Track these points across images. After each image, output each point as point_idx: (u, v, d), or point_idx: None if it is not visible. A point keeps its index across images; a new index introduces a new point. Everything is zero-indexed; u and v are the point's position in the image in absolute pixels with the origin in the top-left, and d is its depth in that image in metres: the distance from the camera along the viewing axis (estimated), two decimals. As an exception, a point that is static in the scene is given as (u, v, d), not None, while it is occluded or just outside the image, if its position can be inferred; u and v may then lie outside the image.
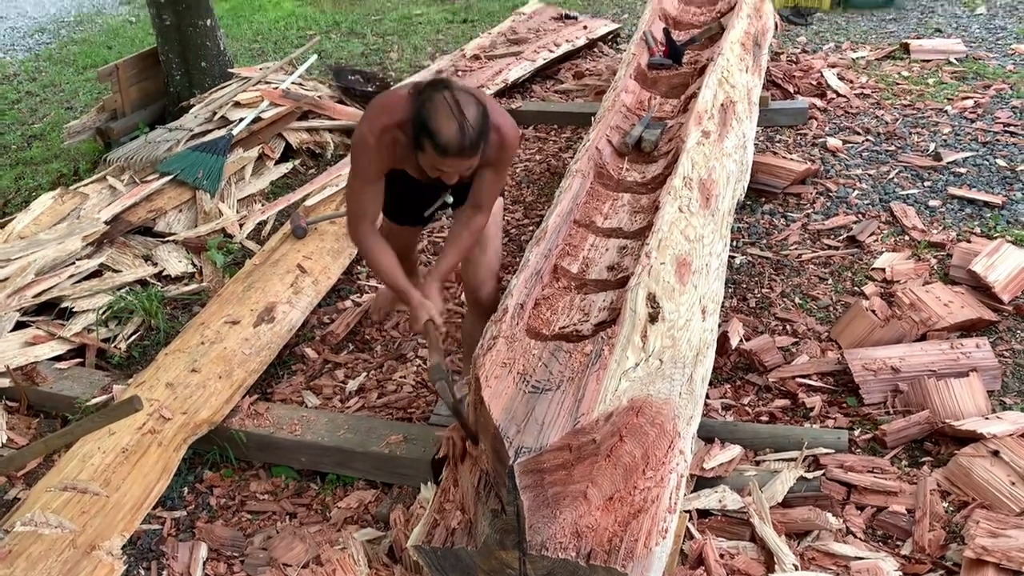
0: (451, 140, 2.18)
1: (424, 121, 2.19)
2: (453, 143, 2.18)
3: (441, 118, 2.18)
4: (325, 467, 2.91)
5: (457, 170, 2.30)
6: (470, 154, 2.23)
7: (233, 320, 3.35)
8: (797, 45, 5.91)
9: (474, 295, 2.83)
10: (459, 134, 2.18)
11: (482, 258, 2.76)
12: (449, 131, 2.17)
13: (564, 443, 1.98)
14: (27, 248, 3.93)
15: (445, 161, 2.24)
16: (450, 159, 2.22)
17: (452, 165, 2.26)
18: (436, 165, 2.28)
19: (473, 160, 2.28)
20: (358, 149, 2.46)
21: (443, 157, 2.22)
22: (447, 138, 2.18)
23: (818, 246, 3.75)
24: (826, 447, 2.63)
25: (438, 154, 2.21)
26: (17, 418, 3.24)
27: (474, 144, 2.21)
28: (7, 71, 7.58)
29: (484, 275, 2.78)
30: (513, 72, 5.54)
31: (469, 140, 2.19)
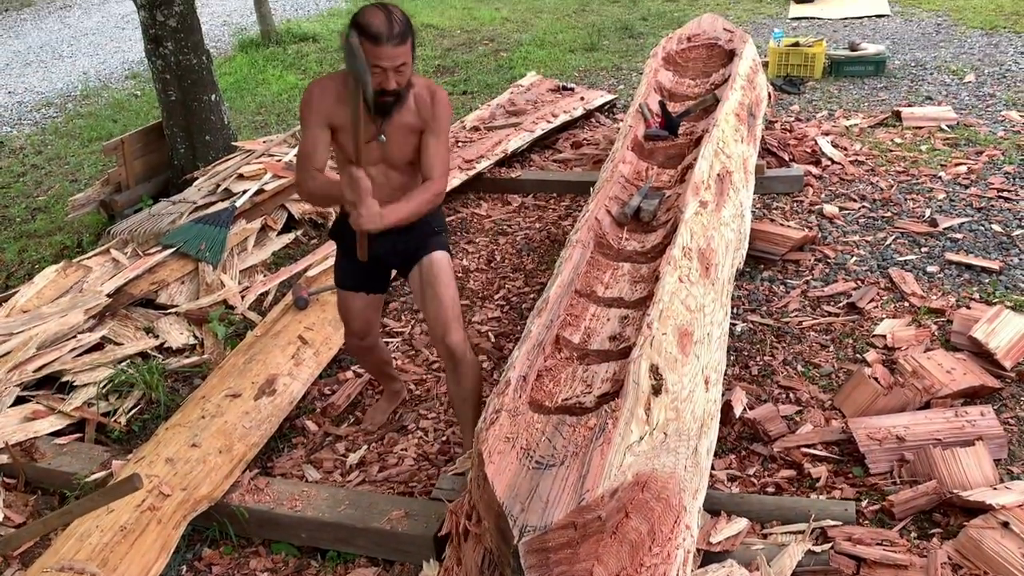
0: (380, 26, 2.42)
1: (355, 21, 2.46)
2: (382, 28, 2.42)
3: (369, 12, 2.46)
4: (326, 544, 2.86)
5: (391, 63, 2.47)
6: (398, 40, 2.45)
7: (234, 393, 3.34)
8: (791, 113, 6.02)
9: (443, 344, 2.86)
10: (386, 20, 2.43)
11: (440, 306, 2.83)
12: (377, 19, 2.43)
13: (569, 521, 1.95)
14: (29, 322, 3.93)
15: (378, 51, 2.43)
16: (382, 48, 2.43)
17: (384, 55, 2.45)
18: (372, 60, 2.44)
19: (402, 51, 2.47)
20: (303, 102, 2.69)
21: (375, 46, 2.42)
22: (376, 26, 2.42)
23: (818, 313, 3.76)
24: (833, 519, 2.60)
25: (371, 44, 2.42)
26: (14, 495, 3.20)
27: (401, 32, 2.45)
28: (13, 144, 7.70)
29: (446, 319, 2.83)
30: (512, 142, 5.63)
31: (396, 26, 2.44)
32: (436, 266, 2.85)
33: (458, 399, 2.96)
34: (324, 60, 8.98)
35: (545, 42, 8.73)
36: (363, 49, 2.40)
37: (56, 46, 11.21)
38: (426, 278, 2.85)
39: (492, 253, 4.73)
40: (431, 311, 2.85)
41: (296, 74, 8.66)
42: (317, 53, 9.25)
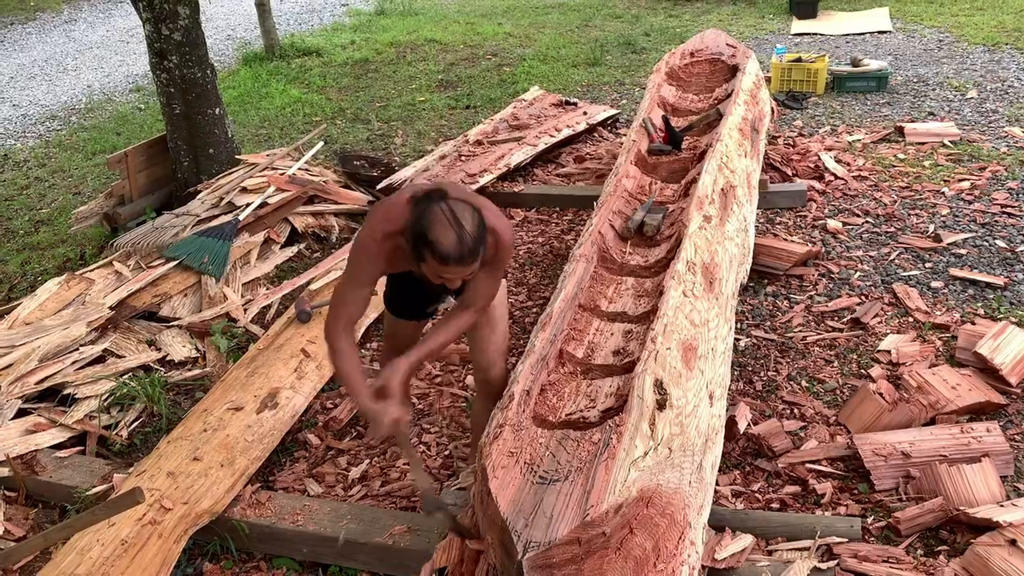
0: (450, 250, 2.23)
1: (423, 233, 2.24)
2: (452, 253, 2.23)
3: (439, 229, 2.22)
4: (327, 559, 2.84)
5: (459, 276, 2.35)
6: (470, 261, 2.28)
7: (236, 406, 3.33)
8: (794, 129, 6.03)
9: (484, 375, 2.84)
10: (458, 244, 2.22)
11: (491, 337, 2.77)
12: (448, 241, 2.22)
13: (573, 537, 1.94)
14: (31, 334, 3.93)
15: (447, 269, 2.28)
16: (451, 267, 2.27)
17: (453, 272, 2.31)
18: (438, 273, 2.32)
19: (474, 266, 2.32)
20: (358, 251, 2.49)
21: (444, 266, 2.27)
22: (446, 248, 2.22)
23: (822, 328, 3.75)
24: (839, 536, 2.58)
25: (439, 263, 2.26)
26: (15, 508, 3.19)
27: (473, 251, 2.26)
28: (17, 157, 7.72)
29: (493, 355, 2.79)
30: (515, 156, 5.63)
31: (468, 248, 2.24)
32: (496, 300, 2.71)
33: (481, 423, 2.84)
34: (328, 75, 9.01)
35: (548, 57, 8.76)
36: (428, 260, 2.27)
37: (61, 59, 11.25)
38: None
39: (495, 267, 4.72)
40: (479, 343, 2.77)
41: (300, 88, 8.69)
42: (320, 67, 9.28)
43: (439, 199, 2.28)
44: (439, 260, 2.25)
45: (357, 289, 2.52)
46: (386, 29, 10.68)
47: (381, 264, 2.49)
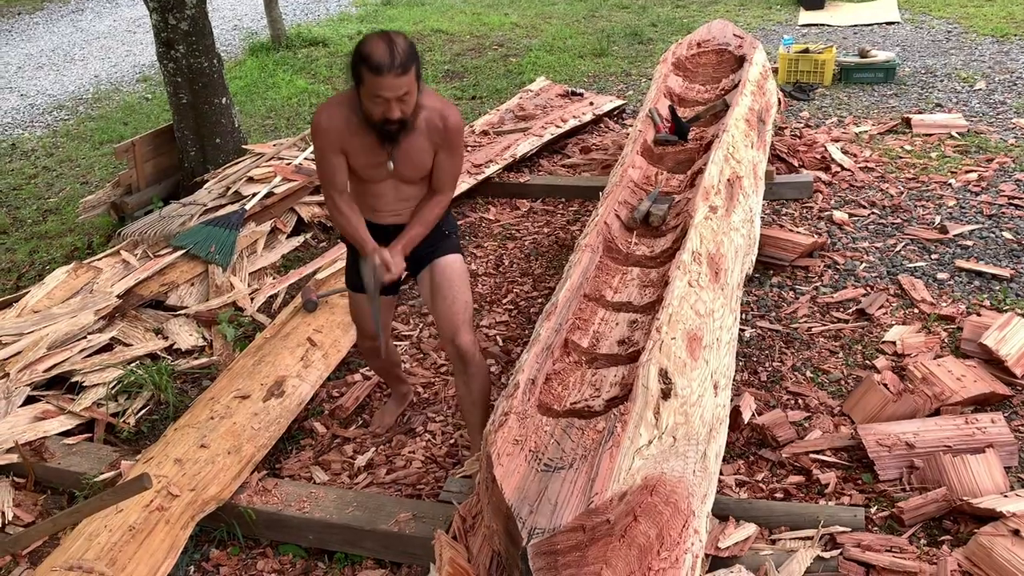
0: (382, 57, 2.38)
1: (358, 50, 2.44)
2: (384, 59, 2.38)
3: (371, 42, 2.43)
4: (333, 545, 2.86)
5: (393, 93, 2.44)
6: (401, 71, 2.41)
7: (243, 394, 3.35)
8: (800, 120, 6.01)
9: (452, 346, 2.88)
10: (388, 50, 2.39)
11: (452, 307, 2.85)
12: (379, 49, 2.39)
13: (578, 523, 1.95)
14: (40, 322, 3.95)
15: (381, 81, 2.40)
16: (384, 77, 2.39)
17: (387, 86, 2.42)
18: (375, 91, 2.43)
19: (406, 81, 2.43)
20: (314, 131, 2.68)
21: (377, 76, 2.39)
22: (378, 56, 2.38)
23: (828, 319, 3.75)
24: (842, 525, 2.59)
25: (373, 74, 2.39)
26: (24, 494, 3.22)
27: (404, 62, 2.40)
28: (25, 147, 7.74)
29: (456, 321, 2.85)
30: (521, 147, 5.63)
31: (398, 56, 2.39)
32: (449, 268, 2.87)
33: (467, 402, 2.96)
34: (334, 64, 9.00)
35: (554, 47, 8.74)
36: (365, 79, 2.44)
37: (68, 49, 11.27)
38: (437, 280, 2.86)
39: (500, 257, 4.73)
40: (441, 311, 2.86)
41: (306, 78, 8.69)
42: (327, 57, 9.28)
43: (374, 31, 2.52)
44: (372, 71, 2.39)
45: (329, 161, 2.69)
46: (392, 19, 10.66)
47: (336, 133, 2.64)
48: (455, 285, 2.86)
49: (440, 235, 2.89)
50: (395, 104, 2.48)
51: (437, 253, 2.88)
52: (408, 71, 2.44)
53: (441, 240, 2.90)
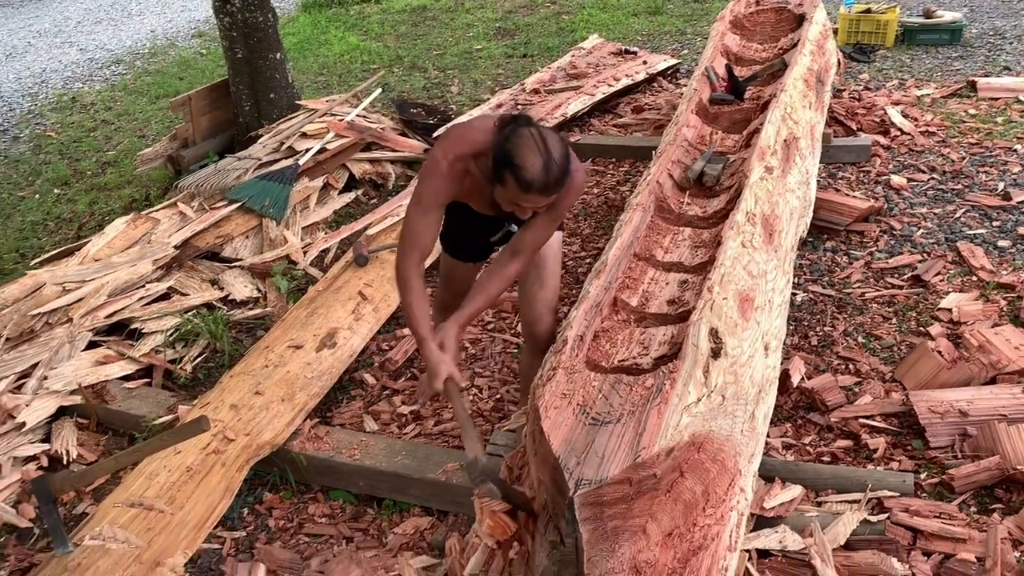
0: (536, 176, 2.16)
1: (509, 154, 2.17)
2: (538, 179, 2.16)
3: (527, 153, 2.16)
4: (382, 492, 2.93)
5: (535, 206, 2.29)
6: (552, 191, 2.22)
7: (296, 345, 3.42)
8: (860, 82, 5.85)
9: (530, 330, 2.83)
10: (544, 171, 2.16)
11: (540, 293, 2.74)
12: (535, 167, 2.15)
13: (625, 476, 1.97)
14: (101, 270, 4.07)
15: (527, 197, 2.22)
16: (532, 195, 2.21)
17: (532, 201, 2.24)
18: (515, 200, 2.25)
19: (552, 199, 2.26)
20: (427, 172, 2.43)
21: (525, 192, 2.20)
22: (533, 174, 2.16)
23: (882, 285, 3.69)
24: (891, 490, 2.57)
25: (520, 189, 2.19)
26: (87, 434, 3.34)
27: (557, 181, 2.20)
28: (85, 100, 7.91)
29: (541, 310, 2.76)
30: (572, 106, 5.59)
31: (553, 177, 2.18)
32: (546, 249, 2.66)
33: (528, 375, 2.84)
34: (386, 22, 9.00)
35: (608, 5, 8.61)
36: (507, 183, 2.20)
37: (125, 4, 11.42)
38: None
39: (550, 216, 4.72)
40: (529, 295, 2.73)
41: (358, 35, 8.70)
42: (379, 15, 9.27)
43: (528, 124, 2.22)
44: (521, 186, 2.17)
45: (426, 215, 2.44)
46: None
47: (450, 186, 2.42)
48: (547, 268, 2.70)
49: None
50: (532, 210, 2.32)
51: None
52: (559, 189, 2.24)
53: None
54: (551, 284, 2.74)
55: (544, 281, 2.72)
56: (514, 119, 2.24)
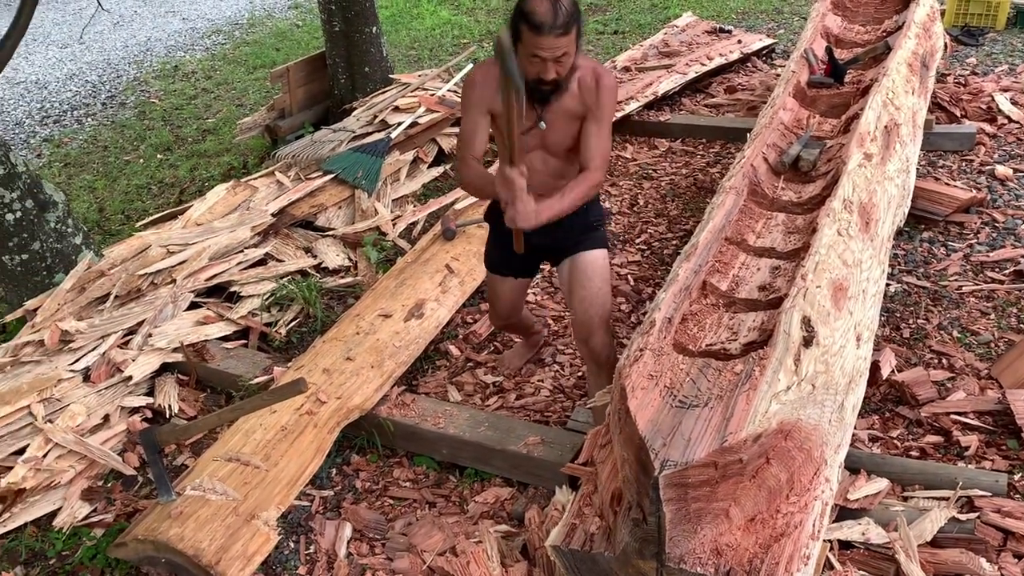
0: (545, 14, 2.30)
1: (519, 6, 2.36)
2: (546, 17, 2.30)
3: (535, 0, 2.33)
4: (464, 461, 3.01)
5: (551, 52, 2.37)
6: (562, 31, 2.33)
7: (386, 314, 3.52)
8: (966, 67, 5.63)
9: (585, 347, 2.84)
10: (551, 8, 2.30)
11: (590, 310, 2.74)
12: (542, 7, 2.31)
13: (710, 460, 1.98)
14: (203, 234, 4.24)
15: (540, 40, 2.33)
16: (544, 36, 2.33)
17: (546, 45, 2.35)
18: (532, 49, 2.37)
19: (565, 42, 2.36)
20: (465, 85, 2.63)
21: (537, 35, 2.32)
22: (541, 13, 2.30)
23: (981, 279, 3.57)
24: (982, 489, 2.52)
25: (533, 32, 2.32)
26: (187, 391, 3.52)
27: (566, 21, 2.32)
28: (186, 69, 8.19)
29: (592, 324, 2.75)
30: (664, 84, 5.53)
31: (561, 15, 2.31)
32: (590, 266, 2.74)
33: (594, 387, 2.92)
34: (477, -5, 9.02)
35: (702, -18, 8.44)
36: (524, 36, 2.35)
37: (226, -25, 11.71)
38: (577, 277, 2.76)
39: (635, 197, 4.71)
40: (578, 311, 2.78)
41: (449, 9, 8.75)
42: (471, -12, 9.30)
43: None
44: (532, 28, 2.32)
45: (472, 119, 2.62)
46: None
47: (488, 92, 2.56)
48: (594, 284, 2.75)
49: (587, 225, 2.77)
50: (551, 65, 2.41)
51: (581, 247, 2.76)
52: (569, 32, 2.36)
53: (588, 232, 2.77)
54: (600, 299, 2.76)
55: (592, 296, 2.75)
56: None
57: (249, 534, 2.60)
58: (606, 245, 2.83)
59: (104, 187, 5.82)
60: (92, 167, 6.20)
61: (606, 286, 2.79)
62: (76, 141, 6.75)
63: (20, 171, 3.69)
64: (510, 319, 3.16)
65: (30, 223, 3.72)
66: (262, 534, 2.61)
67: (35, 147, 6.73)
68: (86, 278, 3.87)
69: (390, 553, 2.71)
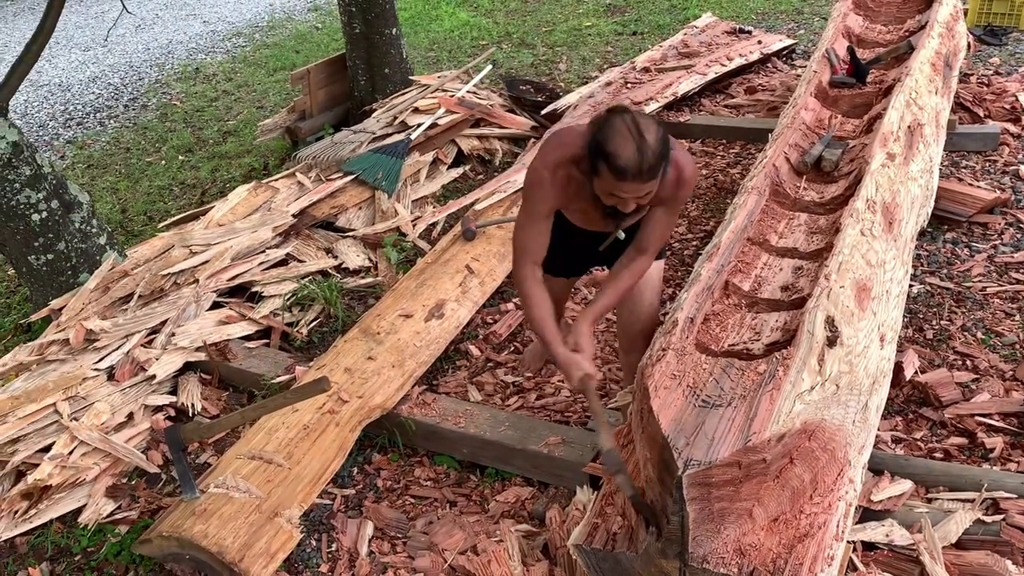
0: (629, 161, 2.11)
1: (601, 143, 2.15)
2: (631, 164, 2.11)
3: (619, 139, 2.12)
4: (485, 460, 3.02)
5: (634, 195, 2.21)
6: (648, 177, 2.15)
7: (406, 314, 3.54)
8: (990, 66, 5.57)
9: (626, 356, 2.84)
10: (637, 155, 2.10)
11: (636, 321, 2.73)
12: (627, 151, 2.11)
13: (734, 459, 1.98)
14: (224, 235, 4.28)
15: (622, 185, 2.16)
16: (627, 182, 2.15)
17: (629, 190, 2.18)
18: (612, 190, 2.21)
19: (651, 185, 2.19)
20: (531, 183, 2.42)
21: (620, 180, 2.15)
22: (625, 159, 2.11)
23: (1005, 280, 3.54)
24: (1008, 491, 2.49)
25: (615, 177, 2.14)
26: (209, 390, 3.54)
27: (652, 167, 2.13)
28: (207, 71, 8.25)
29: (637, 336, 2.74)
30: (683, 85, 5.52)
31: (647, 162, 2.12)
32: (645, 280, 2.64)
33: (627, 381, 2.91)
34: (496, -2, 9.03)
35: (722, -17, 8.42)
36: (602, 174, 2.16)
37: (246, -22, 11.80)
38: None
39: (656, 197, 4.70)
40: (627, 323, 2.74)
41: (468, 11, 8.77)
42: (490, -10, 9.31)
43: (621, 112, 2.18)
44: (615, 173, 2.13)
45: (536, 223, 2.45)
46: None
47: (556, 194, 2.40)
48: (646, 297, 2.67)
49: None
50: (633, 202, 2.24)
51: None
52: (655, 176, 2.16)
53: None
54: (649, 314, 2.73)
55: (641, 310, 2.72)
56: (609, 110, 2.21)
57: (272, 532, 2.62)
58: (662, 255, 2.74)
59: (127, 188, 5.87)
60: (115, 168, 6.26)
61: (657, 299, 2.74)
62: (99, 143, 6.83)
63: (46, 172, 3.74)
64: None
65: (55, 223, 3.77)
66: (285, 532, 2.63)
67: (59, 149, 6.81)
68: (110, 278, 3.91)
69: (411, 552, 2.72)
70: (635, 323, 2.74)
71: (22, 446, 3.14)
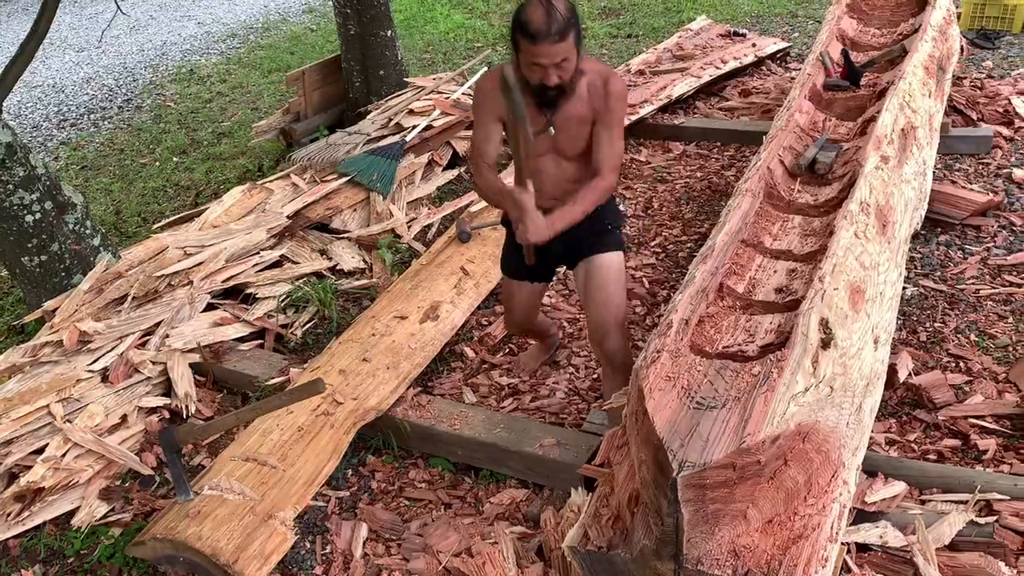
0: (539, 24, 2.31)
1: (516, 17, 2.37)
2: (541, 25, 2.30)
3: (530, 8, 2.34)
4: (479, 462, 3.02)
5: (551, 60, 2.37)
6: (558, 38, 2.33)
7: (401, 315, 3.54)
8: (982, 70, 5.60)
9: (600, 349, 2.85)
10: (546, 16, 2.30)
11: (605, 313, 2.76)
12: (537, 15, 2.31)
13: (729, 461, 1.98)
14: (219, 237, 4.27)
15: (538, 50, 2.34)
16: (541, 45, 2.33)
17: (544, 53, 2.35)
18: (531, 59, 2.38)
19: (564, 48, 2.36)
20: (475, 100, 2.66)
21: (534, 44, 2.33)
22: (536, 22, 2.31)
23: (998, 282, 3.56)
24: (1001, 493, 2.50)
25: (530, 42, 2.33)
26: (204, 391, 3.54)
27: (561, 28, 2.32)
28: (202, 72, 8.24)
29: (607, 326, 2.76)
30: (678, 88, 5.54)
31: (555, 22, 2.31)
32: (605, 269, 2.76)
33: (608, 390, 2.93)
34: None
35: (716, -14, 8.45)
36: (522, 45, 2.36)
37: (241, -20, 11.79)
38: (592, 280, 2.78)
39: (650, 200, 4.71)
40: (593, 314, 2.80)
41: (463, 13, 8.78)
42: (484, -8, 9.33)
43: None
44: (529, 38, 2.32)
45: (484, 128, 2.65)
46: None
47: (495, 100, 2.54)
48: (609, 287, 2.76)
49: (602, 228, 2.77)
50: (552, 70, 2.41)
51: (596, 249, 2.77)
52: (566, 37, 2.36)
53: (602, 235, 2.78)
54: (614, 301, 2.77)
55: (607, 299, 2.76)
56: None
57: (266, 534, 2.61)
58: (622, 247, 2.84)
59: (121, 189, 5.86)
60: (109, 170, 6.24)
61: (621, 289, 2.80)
62: (93, 144, 6.81)
63: (40, 173, 3.73)
64: (526, 325, 3.17)
65: (49, 225, 3.75)
66: (279, 534, 2.62)
67: (52, 150, 6.79)
68: (104, 279, 3.90)
69: (406, 554, 2.72)
70: (604, 314, 2.78)
71: (15, 448, 3.13)
